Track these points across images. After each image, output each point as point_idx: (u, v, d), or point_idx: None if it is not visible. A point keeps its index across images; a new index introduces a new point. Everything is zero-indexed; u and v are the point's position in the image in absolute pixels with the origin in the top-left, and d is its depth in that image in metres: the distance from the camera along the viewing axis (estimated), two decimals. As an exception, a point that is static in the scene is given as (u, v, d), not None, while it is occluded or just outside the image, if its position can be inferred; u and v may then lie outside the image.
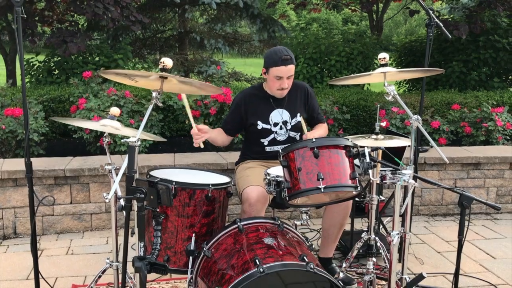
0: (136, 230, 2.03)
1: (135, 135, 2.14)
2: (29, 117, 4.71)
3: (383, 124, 2.79)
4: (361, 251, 3.20)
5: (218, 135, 3.23)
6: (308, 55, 7.07)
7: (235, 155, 4.03)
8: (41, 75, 6.71)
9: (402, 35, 26.29)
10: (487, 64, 7.22)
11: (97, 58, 6.70)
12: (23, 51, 2.65)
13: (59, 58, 6.56)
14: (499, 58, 7.11)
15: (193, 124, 2.90)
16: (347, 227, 3.75)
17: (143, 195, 1.73)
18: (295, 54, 7.22)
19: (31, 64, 6.83)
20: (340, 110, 5.65)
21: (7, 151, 4.62)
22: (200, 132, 2.95)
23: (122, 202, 1.75)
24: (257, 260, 2.06)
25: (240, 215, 2.97)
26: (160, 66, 2.20)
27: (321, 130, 3.31)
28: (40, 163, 4.04)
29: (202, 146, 2.97)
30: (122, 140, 2.36)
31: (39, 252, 3.68)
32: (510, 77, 7.67)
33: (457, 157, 4.57)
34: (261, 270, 1.99)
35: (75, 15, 7.42)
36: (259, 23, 7.91)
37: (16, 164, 4.05)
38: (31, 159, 4.44)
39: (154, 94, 2.17)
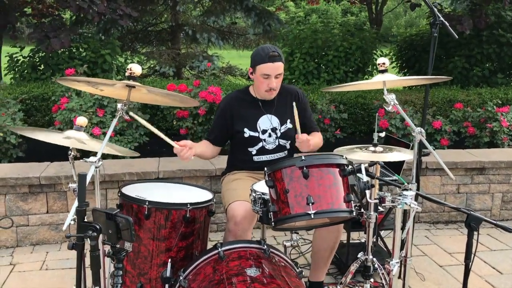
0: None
1: (98, 153, 1.88)
2: (6, 119, 4.44)
3: (382, 134, 2.51)
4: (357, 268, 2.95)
5: (205, 149, 2.94)
6: (305, 50, 6.77)
7: (224, 160, 3.77)
8: (25, 71, 6.40)
9: (402, 26, 25.93)
10: (491, 59, 6.94)
11: (84, 54, 6.39)
12: (7, 44, 2.37)
13: (44, 54, 6.26)
14: (503, 53, 6.82)
15: (172, 142, 2.51)
16: (343, 237, 3.50)
17: (95, 233, 1.46)
18: (291, 49, 6.93)
19: (15, 59, 6.51)
20: (337, 108, 5.38)
21: (-22, 155, 4.35)
22: (185, 147, 2.61)
23: (72, 240, 1.49)
24: (236, 299, 1.80)
25: (225, 233, 2.70)
26: (127, 74, 1.92)
27: (316, 138, 3.00)
28: (13, 170, 3.77)
29: (192, 158, 2.62)
30: (81, 160, 2.08)
31: (11, 267, 3.42)
32: (514, 73, 7.39)
33: (460, 162, 4.30)
34: (241, 312, 1.73)
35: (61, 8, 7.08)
36: (254, 16, 7.62)
37: (-12, 171, 3.79)
38: (4, 165, 4.23)
39: (119, 106, 1.89)
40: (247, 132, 2.91)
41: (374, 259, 2.63)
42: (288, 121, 2.96)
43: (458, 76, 6.93)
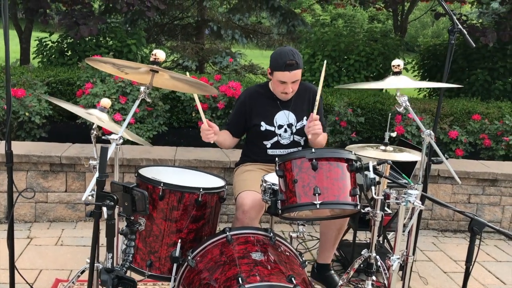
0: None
1: (119, 132, 1.99)
2: (33, 99, 4.60)
3: (394, 134, 2.57)
4: (361, 266, 3.01)
5: (226, 138, 3.06)
6: (327, 52, 6.83)
7: (239, 153, 3.86)
8: (53, 56, 6.60)
9: (428, 37, 25.70)
10: (514, 73, 6.91)
11: (110, 42, 6.56)
12: (37, 29, 2.50)
13: (72, 40, 6.44)
14: (528, 68, 6.80)
15: (204, 119, 2.73)
16: (349, 237, 3.56)
17: (112, 203, 1.56)
18: (313, 50, 7.00)
19: (44, 43, 6.71)
20: (355, 112, 5.43)
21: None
22: (211, 129, 2.79)
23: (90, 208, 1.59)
24: (240, 279, 1.89)
25: (233, 221, 2.80)
26: (151, 59, 2.03)
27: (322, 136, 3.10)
28: (36, 148, 3.92)
29: (212, 141, 2.83)
30: (103, 137, 2.20)
31: (28, 240, 3.57)
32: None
33: (473, 172, 4.33)
34: (243, 290, 1.82)
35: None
36: (279, 16, 7.71)
37: (14, 148, 3.91)
38: (29, 142, 4.40)
39: (142, 88, 1.99)
40: (264, 126, 2.99)
41: (377, 257, 2.69)
42: (305, 118, 3.03)
43: (480, 89, 6.91)
